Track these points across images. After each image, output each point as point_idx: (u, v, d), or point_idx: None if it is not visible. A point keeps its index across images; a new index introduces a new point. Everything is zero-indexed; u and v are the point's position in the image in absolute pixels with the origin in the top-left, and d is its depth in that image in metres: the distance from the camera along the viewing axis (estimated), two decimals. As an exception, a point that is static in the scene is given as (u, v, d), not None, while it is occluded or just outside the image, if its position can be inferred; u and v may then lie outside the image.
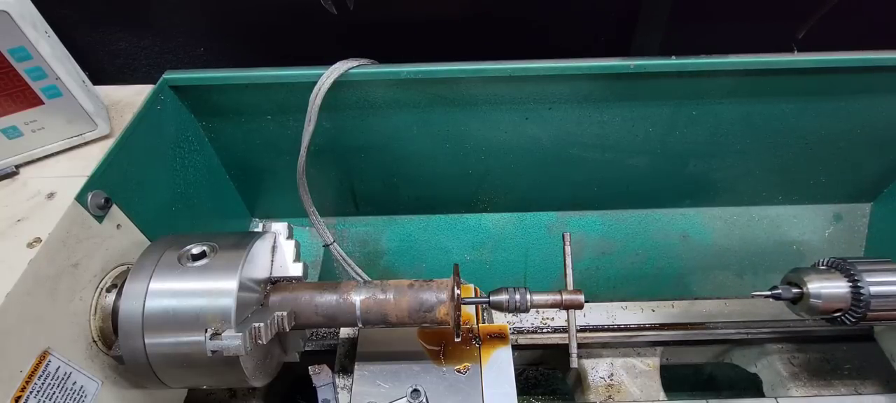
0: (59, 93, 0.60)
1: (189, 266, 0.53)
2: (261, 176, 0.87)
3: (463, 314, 0.67)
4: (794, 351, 0.81)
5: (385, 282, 0.55)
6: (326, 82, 0.67)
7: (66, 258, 0.53)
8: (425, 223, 0.96)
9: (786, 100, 0.74)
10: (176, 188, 0.74)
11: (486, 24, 0.97)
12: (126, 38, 0.98)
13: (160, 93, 0.70)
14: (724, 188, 0.90)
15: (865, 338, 0.77)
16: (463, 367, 0.60)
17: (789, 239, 0.93)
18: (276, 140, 0.79)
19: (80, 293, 0.54)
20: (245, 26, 0.97)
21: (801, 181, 0.88)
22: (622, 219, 0.95)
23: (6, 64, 0.55)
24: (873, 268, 0.59)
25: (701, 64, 0.68)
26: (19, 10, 0.54)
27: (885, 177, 0.87)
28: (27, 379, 0.47)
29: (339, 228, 0.96)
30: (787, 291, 0.61)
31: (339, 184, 0.89)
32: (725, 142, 0.80)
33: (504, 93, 0.73)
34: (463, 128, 0.78)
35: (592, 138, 0.79)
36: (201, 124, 0.78)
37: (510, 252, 0.95)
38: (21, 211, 0.55)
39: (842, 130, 0.78)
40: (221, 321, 0.50)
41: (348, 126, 0.77)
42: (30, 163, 0.62)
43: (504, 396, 0.58)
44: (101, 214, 0.58)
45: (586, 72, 0.69)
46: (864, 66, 0.68)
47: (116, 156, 0.62)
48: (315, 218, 0.77)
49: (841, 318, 0.60)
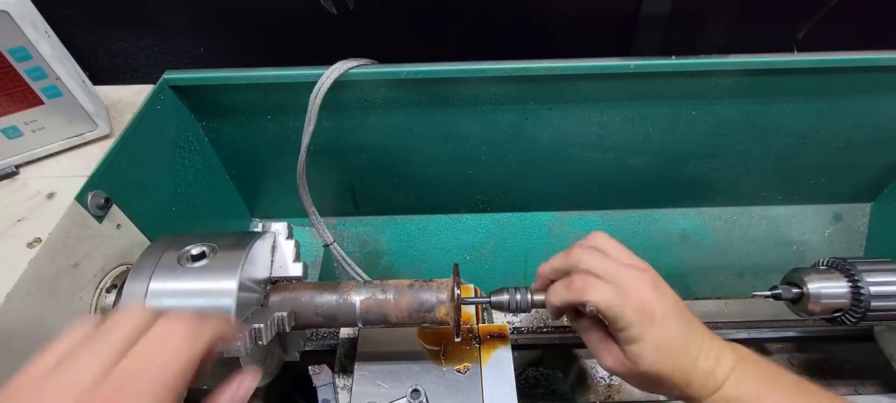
0: (59, 93, 0.60)
1: (189, 266, 0.53)
2: (261, 176, 0.87)
3: (463, 314, 0.67)
4: (794, 351, 0.81)
5: (385, 282, 0.55)
6: (326, 82, 0.67)
7: (66, 258, 0.53)
8: (425, 223, 0.96)
9: (786, 100, 0.74)
10: (176, 188, 0.74)
11: (486, 24, 0.97)
12: (126, 38, 0.98)
13: (160, 93, 0.70)
14: (724, 188, 0.90)
15: (865, 338, 0.77)
16: (463, 367, 0.60)
17: (789, 239, 0.93)
18: (276, 140, 0.79)
19: (80, 293, 0.54)
20: (245, 26, 0.97)
21: (801, 181, 0.88)
22: (622, 219, 0.95)
23: (6, 64, 0.55)
24: (873, 268, 0.59)
25: (701, 64, 0.68)
26: (19, 10, 0.54)
27: (885, 177, 0.87)
28: (27, 379, 0.47)
29: (339, 228, 0.95)
30: (787, 291, 0.61)
31: (339, 184, 0.89)
32: (725, 142, 0.80)
33: (504, 93, 0.73)
34: (463, 128, 0.78)
35: (592, 138, 0.79)
36: (201, 124, 0.78)
37: (510, 252, 0.95)
38: (21, 211, 0.55)
39: (842, 130, 0.78)
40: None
41: (348, 126, 0.77)
42: (30, 163, 0.62)
43: (504, 396, 0.58)
44: (101, 214, 0.58)
45: (586, 72, 0.69)
46: (864, 66, 0.68)
47: (116, 156, 0.62)
48: (315, 219, 0.77)
49: (841, 318, 0.60)
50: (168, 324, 0.32)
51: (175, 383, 0.29)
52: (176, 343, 0.31)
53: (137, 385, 0.28)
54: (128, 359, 0.29)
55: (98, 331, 0.31)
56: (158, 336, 0.31)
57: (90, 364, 0.29)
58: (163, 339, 0.31)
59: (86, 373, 0.28)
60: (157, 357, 0.30)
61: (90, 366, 0.29)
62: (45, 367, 0.29)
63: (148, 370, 0.29)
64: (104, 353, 0.29)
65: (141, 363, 0.29)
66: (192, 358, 0.31)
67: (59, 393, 0.27)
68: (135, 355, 0.30)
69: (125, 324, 0.31)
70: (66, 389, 0.28)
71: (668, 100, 0.73)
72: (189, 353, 0.31)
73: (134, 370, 0.29)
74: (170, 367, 0.30)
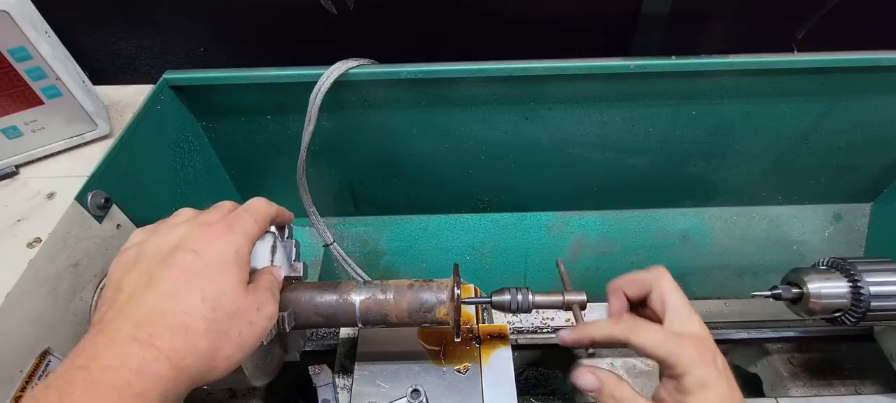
0: (59, 93, 0.60)
1: (189, 266, 0.53)
2: (261, 176, 0.87)
3: (463, 314, 0.67)
4: (794, 351, 0.81)
5: (385, 282, 0.55)
6: (326, 82, 0.67)
7: (66, 258, 0.53)
8: (425, 223, 0.96)
9: (786, 100, 0.74)
10: (176, 188, 0.74)
11: (486, 24, 0.97)
12: (126, 38, 0.98)
13: (160, 93, 0.70)
14: (724, 188, 0.90)
15: (865, 338, 0.77)
16: (463, 367, 0.60)
17: (789, 239, 0.93)
18: (276, 140, 0.79)
19: (81, 293, 0.54)
20: (245, 26, 0.97)
21: (801, 181, 0.88)
22: (622, 219, 0.95)
23: (6, 64, 0.55)
24: (873, 268, 0.59)
25: (701, 64, 0.68)
26: (19, 10, 0.54)
27: (885, 176, 0.87)
28: (27, 379, 0.47)
29: (339, 228, 0.96)
30: (787, 291, 0.61)
31: (339, 184, 0.89)
32: (725, 142, 0.80)
33: (504, 93, 0.73)
34: (463, 128, 0.78)
35: (592, 138, 0.79)
36: (201, 124, 0.78)
37: (510, 252, 0.95)
38: (21, 211, 0.55)
39: (842, 130, 0.78)
40: (221, 321, 0.50)
41: (348, 126, 0.77)
42: (30, 163, 0.62)
43: (504, 396, 0.58)
44: (101, 214, 0.58)
45: (586, 72, 0.69)
46: (864, 65, 0.68)
47: (116, 156, 0.62)
48: (315, 219, 0.77)
49: (841, 318, 0.60)
50: (254, 199, 0.49)
51: (263, 223, 0.47)
52: (262, 204, 0.48)
53: (244, 218, 0.44)
54: (235, 212, 0.46)
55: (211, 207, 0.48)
56: (251, 202, 0.48)
57: (211, 212, 0.46)
58: (254, 202, 0.48)
59: (212, 216, 0.45)
60: (253, 207, 0.47)
61: (212, 212, 0.46)
62: (177, 218, 0.45)
63: (248, 212, 0.46)
64: (221, 209, 0.47)
65: (243, 210, 0.46)
66: (271, 214, 0.48)
67: (197, 223, 0.43)
68: (239, 209, 0.46)
69: (227, 202, 0.48)
70: (203, 219, 0.44)
71: (668, 100, 0.73)
72: (268, 210, 0.48)
73: (240, 212, 0.45)
74: (260, 213, 0.47)
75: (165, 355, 0.36)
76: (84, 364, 0.34)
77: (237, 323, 0.40)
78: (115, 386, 0.34)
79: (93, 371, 0.34)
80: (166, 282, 0.38)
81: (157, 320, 0.37)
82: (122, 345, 0.35)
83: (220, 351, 0.39)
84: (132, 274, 0.40)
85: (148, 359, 0.35)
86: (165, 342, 0.36)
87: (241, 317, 0.40)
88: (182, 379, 0.37)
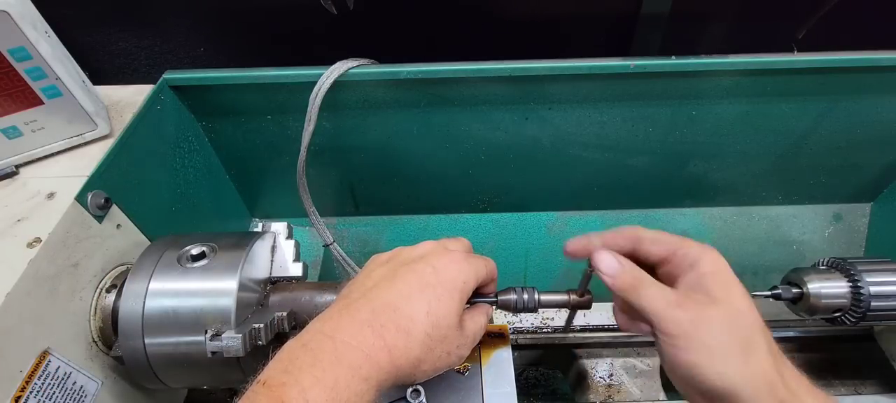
0: (59, 93, 0.60)
1: (189, 266, 0.53)
2: (261, 176, 0.87)
3: (463, 314, 0.66)
4: (794, 351, 0.81)
5: (385, 282, 0.55)
6: (326, 82, 0.67)
7: (66, 258, 0.53)
8: (425, 223, 0.96)
9: (786, 100, 0.74)
10: (176, 188, 0.74)
11: (486, 24, 0.97)
12: (126, 38, 0.98)
13: (160, 93, 0.70)
14: (724, 188, 0.90)
15: (865, 338, 0.77)
16: (463, 367, 0.60)
17: (789, 239, 0.93)
18: (276, 140, 0.79)
19: (80, 293, 0.54)
20: (245, 26, 0.97)
21: (801, 181, 0.88)
22: (622, 219, 0.95)
23: (6, 64, 0.55)
24: (873, 268, 0.59)
25: (701, 64, 0.68)
26: (19, 10, 0.54)
27: (885, 176, 0.87)
28: (27, 379, 0.47)
29: (339, 228, 0.95)
30: (787, 291, 0.61)
31: (339, 184, 0.89)
32: (725, 142, 0.80)
33: (504, 93, 0.73)
34: (463, 128, 0.78)
35: (592, 138, 0.79)
36: (201, 124, 0.78)
37: (510, 252, 0.95)
38: (21, 211, 0.55)
39: (842, 130, 0.78)
40: (221, 321, 0.50)
41: (348, 126, 0.77)
42: (30, 163, 0.62)
43: (504, 396, 0.58)
44: (101, 214, 0.58)
45: (586, 72, 0.69)
46: (864, 65, 0.68)
47: (116, 156, 0.62)
48: (315, 219, 0.77)
49: (841, 318, 0.60)
50: (489, 259, 0.52)
51: (488, 277, 0.51)
52: (492, 265, 0.52)
53: (480, 261, 0.49)
54: (474, 254, 0.50)
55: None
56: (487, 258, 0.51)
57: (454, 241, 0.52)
58: (490, 259, 0.51)
59: (455, 245, 0.51)
60: (489, 260, 0.51)
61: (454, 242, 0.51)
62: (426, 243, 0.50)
63: (482, 260, 0.50)
64: (462, 243, 0.52)
65: (480, 256, 0.50)
66: (493, 276, 0.52)
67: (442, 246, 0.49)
68: (477, 255, 0.50)
69: (466, 241, 0.53)
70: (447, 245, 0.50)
71: (668, 100, 0.73)
72: (493, 273, 0.52)
73: (477, 256, 0.50)
74: (490, 267, 0.51)
75: (388, 348, 0.40)
76: (331, 333, 0.39)
77: (443, 347, 0.43)
78: (351, 365, 0.38)
79: (337, 343, 0.38)
80: (404, 283, 0.43)
81: (389, 314, 0.41)
82: (360, 327, 0.40)
83: (423, 364, 0.42)
84: (382, 268, 0.46)
85: (375, 348, 0.39)
86: (390, 337, 0.40)
87: (447, 344, 0.44)
88: (393, 376, 0.40)
